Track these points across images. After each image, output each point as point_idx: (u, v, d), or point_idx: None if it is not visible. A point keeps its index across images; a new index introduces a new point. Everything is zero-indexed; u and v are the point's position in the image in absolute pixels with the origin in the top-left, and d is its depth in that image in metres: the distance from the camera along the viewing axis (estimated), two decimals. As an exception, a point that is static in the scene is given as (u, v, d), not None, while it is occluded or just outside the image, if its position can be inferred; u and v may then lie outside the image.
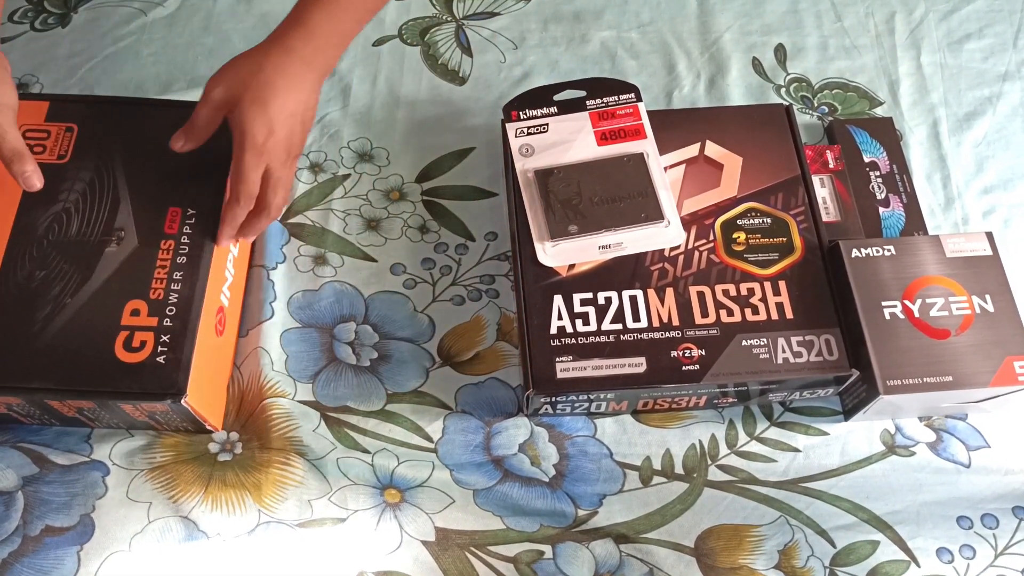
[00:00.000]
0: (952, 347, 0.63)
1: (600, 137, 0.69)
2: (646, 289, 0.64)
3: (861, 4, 0.89)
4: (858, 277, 0.65)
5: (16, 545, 0.58)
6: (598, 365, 0.61)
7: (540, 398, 0.61)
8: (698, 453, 0.66)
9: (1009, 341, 0.63)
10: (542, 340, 0.61)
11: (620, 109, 0.70)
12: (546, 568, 0.61)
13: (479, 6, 0.88)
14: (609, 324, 0.62)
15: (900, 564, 0.62)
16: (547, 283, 0.64)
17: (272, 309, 0.69)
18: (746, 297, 0.63)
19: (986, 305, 0.64)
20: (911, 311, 0.64)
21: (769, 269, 0.65)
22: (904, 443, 0.67)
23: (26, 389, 0.57)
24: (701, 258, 0.65)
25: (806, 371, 0.61)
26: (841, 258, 0.65)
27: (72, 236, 0.61)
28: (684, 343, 0.61)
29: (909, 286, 0.65)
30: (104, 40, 0.84)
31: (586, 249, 0.65)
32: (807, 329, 0.62)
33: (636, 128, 0.69)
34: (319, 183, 0.76)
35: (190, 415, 0.59)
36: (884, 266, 0.65)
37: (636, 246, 0.65)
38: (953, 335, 0.63)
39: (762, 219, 0.67)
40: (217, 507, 0.61)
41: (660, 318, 0.62)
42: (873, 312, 0.64)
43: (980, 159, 0.80)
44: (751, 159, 0.69)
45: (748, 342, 0.62)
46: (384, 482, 0.63)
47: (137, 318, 0.59)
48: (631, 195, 0.66)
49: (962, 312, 0.64)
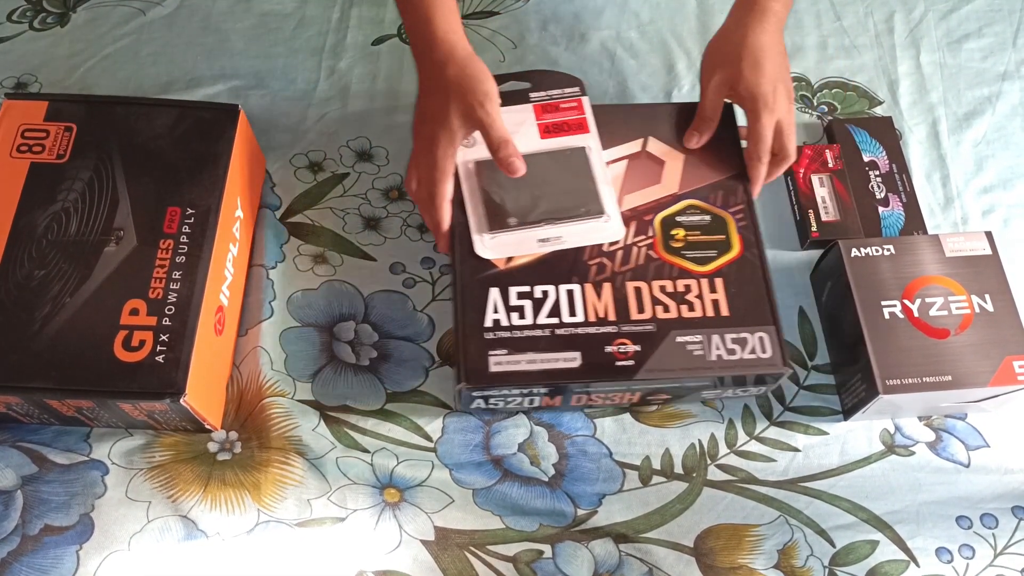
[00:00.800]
0: (951, 347, 0.63)
1: (543, 130, 0.68)
2: (583, 284, 0.63)
3: (860, 3, 0.89)
4: (857, 277, 0.65)
5: (15, 544, 0.58)
6: (532, 359, 0.60)
7: (472, 392, 0.61)
8: (697, 453, 0.66)
9: (1009, 341, 0.63)
10: (476, 333, 0.61)
11: (564, 103, 0.69)
12: (545, 568, 0.61)
13: (478, 5, 0.88)
14: (545, 318, 0.62)
15: (899, 564, 0.62)
16: (484, 276, 0.63)
17: (271, 308, 0.69)
18: (682, 293, 0.63)
19: (985, 305, 0.64)
20: (911, 311, 0.64)
21: (706, 266, 0.64)
22: (903, 443, 0.67)
23: (25, 389, 0.57)
24: (639, 254, 0.65)
25: (739, 368, 0.61)
26: (840, 258, 0.65)
27: (71, 236, 0.61)
28: (619, 338, 0.61)
29: (908, 285, 0.65)
30: (103, 40, 0.84)
31: (524, 242, 0.64)
32: (742, 327, 0.62)
33: (579, 122, 0.69)
34: (318, 182, 0.76)
35: (189, 414, 0.59)
36: (883, 266, 0.65)
37: (575, 240, 0.64)
38: (952, 335, 0.63)
39: (701, 216, 0.66)
40: (216, 506, 0.61)
41: (596, 313, 0.62)
42: (872, 312, 0.64)
43: (979, 158, 0.80)
44: (693, 156, 0.69)
45: (683, 339, 0.61)
46: (383, 481, 0.63)
47: (136, 317, 0.59)
48: (572, 189, 0.66)
49: (961, 312, 0.64)
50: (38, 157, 0.64)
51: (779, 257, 0.74)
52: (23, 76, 0.81)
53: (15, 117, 0.66)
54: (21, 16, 0.86)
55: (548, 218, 0.65)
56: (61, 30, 0.85)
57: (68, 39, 0.84)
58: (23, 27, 0.85)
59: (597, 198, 0.66)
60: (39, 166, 0.64)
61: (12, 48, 0.83)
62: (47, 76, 0.81)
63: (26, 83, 0.81)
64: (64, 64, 0.82)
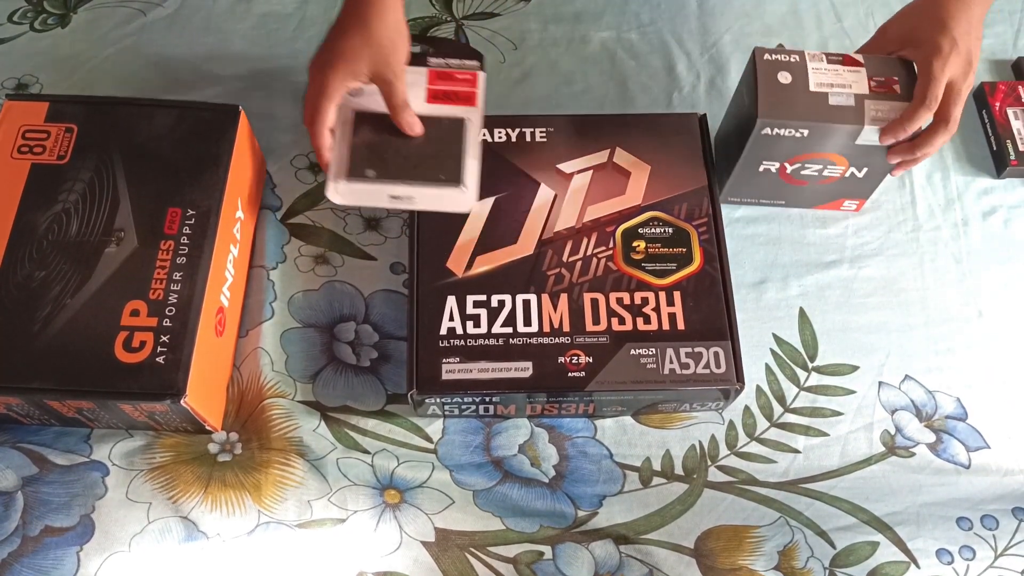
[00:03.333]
0: (805, 189, 0.71)
1: (430, 95, 0.67)
2: (540, 294, 0.63)
3: (861, 5, 0.89)
4: (758, 143, 0.66)
5: (16, 545, 0.58)
6: (484, 368, 0.61)
7: (426, 398, 0.61)
8: (698, 454, 0.66)
9: (853, 192, 0.72)
10: (431, 340, 0.61)
11: (460, 73, 0.68)
12: (546, 569, 0.61)
13: (479, 6, 0.88)
14: (499, 327, 0.62)
15: (900, 565, 0.62)
16: (442, 283, 0.64)
17: (272, 309, 0.69)
18: (639, 306, 0.63)
19: (858, 174, 0.68)
20: (784, 168, 0.68)
21: (665, 279, 0.64)
22: (904, 444, 0.67)
23: (26, 389, 0.57)
24: (599, 265, 0.65)
25: (692, 383, 0.61)
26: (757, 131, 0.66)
27: (72, 237, 0.61)
28: (572, 349, 0.61)
29: (799, 156, 0.67)
30: (104, 40, 0.84)
31: (376, 195, 0.64)
32: (697, 341, 0.62)
33: (468, 95, 0.67)
34: (319, 183, 0.76)
35: (190, 415, 0.59)
36: (788, 144, 0.66)
37: (426, 204, 0.64)
38: (810, 184, 0.70)
39: (664, 228, 0.66)
40: (217, 507, 0.61)
41: (551, 323, 0.62)
42: (749, 167, 0.69)
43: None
44: (660, 167, 0.69)
45: (636, 351, 0.61)
46: (384, 483, 0.63)
47: (137, 318, 0.59)
48: (438, 155, 0.65)
49: (831, 174, 0.68)
50: (39, 158, 0.64)
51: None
52: (24, 77, 0.81)
53: (16, 118, 0.66)
54: (22, 17, 0.86)
55: (403, 177, 0.64)
56: (62, 31, 0.85)
57: (69, 40, 0.84)
58: (24, 28, 0.85)
59: (459, 168, 0.65)
60: (40, 167, 0.64)
61: (13, 49, 0.83)
62: (48, 77, 0.81)
63: (27, 84, 0.81)
64: (65, 65, 0.82)
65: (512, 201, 0.67)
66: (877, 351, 0.70)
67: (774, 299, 0.72)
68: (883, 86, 0.64)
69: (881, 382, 0.69)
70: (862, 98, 0.63)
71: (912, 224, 0.76)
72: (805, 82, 0.64)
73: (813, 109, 0.63)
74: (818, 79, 0.64)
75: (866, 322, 0.71)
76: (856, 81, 0.64)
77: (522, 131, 0.70)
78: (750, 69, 0.66)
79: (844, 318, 0.71)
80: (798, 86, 0.64)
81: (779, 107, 0.63)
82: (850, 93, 0.63)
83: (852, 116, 0.63)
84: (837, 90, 0.63)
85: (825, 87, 0.64)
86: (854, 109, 0.63)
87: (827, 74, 0.64)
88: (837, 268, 0.73)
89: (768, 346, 0.70)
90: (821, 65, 0.64)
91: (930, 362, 0.70)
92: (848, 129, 0.63)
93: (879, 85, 0.64)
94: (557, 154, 0.69)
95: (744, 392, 0.65)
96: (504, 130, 0.70)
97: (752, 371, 0.68)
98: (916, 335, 0.71)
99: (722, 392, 0.62)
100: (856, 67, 0.64)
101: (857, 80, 0.64)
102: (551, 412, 0.65)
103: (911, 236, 0.75)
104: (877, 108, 0.63)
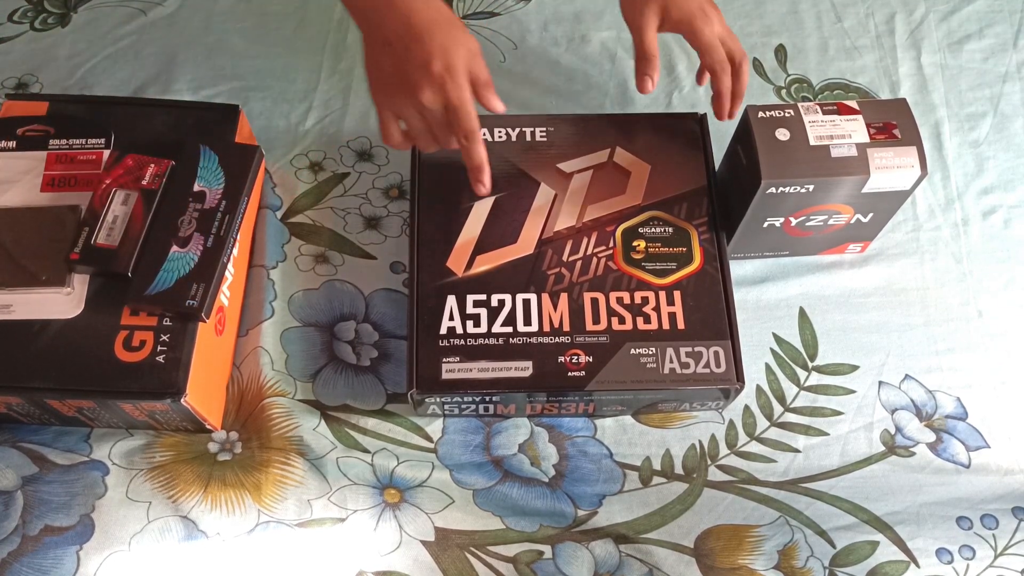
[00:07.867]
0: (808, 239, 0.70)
1: (47, 183, 0.62)
2: (540, 293, 0.63)
3: (861, 5, 0.89)
4: (764, 200, 0.65)
5: (15, 545, 0.58)
6: (484, 367, 0.61)
7: (426, 398, 0.61)
8: (698, 453, 0.66)
9: (858, 236, 0.70)
10: (431, 339, 0.61)
11: (83, 155, 0.63)
12: (546, 568, 0.61)
13: (479, 6, 0.88)
14: (499, 327, 0.62)
15: (900, 564, 0.62)
16: (442, 283, 0.64)
17: (272, 308, 0.69)
18: (639, 305, 0.63)
19: (863, 219, 0.67)
20: (789, 222, 0.67)
21: (665, 278, 0.64)
22: (904, 443, 0.67)
23: (26, 389, 0.57)
24: (599, 264, 0.65)
25: (692, 382, 0.61)
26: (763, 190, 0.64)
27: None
28: (572, 349, 0.61)
29: (804, 210, 0.66)
30: (104, 40, 0.84)
31: None
32: (697, 340, 0.62)
33: (90, 178, 0.62)
34: (319, 182, 0.76)
35: (190, 414, 0.59)
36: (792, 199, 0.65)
37: (28, 311, 0.58)
38: (815, 234, 0.69)
39: (664, 228, 0.66)
40: (217, 507, 0.61)
41: (551, 323, 0.62)
42: (755, 222, 0.67)
43: (980, 159, 0.80)
44: (660, 167, 0.69)
45: (636, 351, 0.61)
46: (384, 482, 0.63)
47: (137, 318, 0.59)
48: (43, 253, 0.59)
49: (836, 223, 0.67)
50: (39, 157, 0.64)
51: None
52: (24, 76, 0.81)
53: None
54: (22, 16, 0.86)
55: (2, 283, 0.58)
56: (62, 30, 0.85)
57: (69, 39, 0.84)
58: (24, 27, 0.85)
59: (62, 267, 0.59)
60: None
61: (13, 48, 0.83)
62: (48, 76, 0.81)
63: (27, 83, 0.81)
64: (65, 64, 0.82)
65: (512, 201, 0.67)
66: (877, 351, 0.70)
67: (774, 299, 0.72)
68: (882, 132, 0.63)
69: (881, 382, 0.69)
70: (864, 147, 0.62)
71: (912, 224, 0.76)
72: (804, 137, 0.63)
73: (817, 164, 0.62)
74: (816, 132, 0.63)
75: (866, 322, 0.71)
76: (855, 130, 0.63)
77: (522, 131, 0.70)
78: (743, 128, 0.65)
79: (844, 318, 0.71)
80: (798, 142, 0.63)
81: (782, 166, 0.62)
82: (851, 143, 0.62)
83: (857, 167, 0.62)
84: (838, 141, 0.62)
85: (825, 139, 0.63)
86: (857, 159, 0.62)
87: (825, 126, 0.63)
88: (837, 268, 0.73)
89: (768, 345, 0.70)
90: (817, 117, 0.63)
91: (930, 362, 0.70)
92: (854, 180, 0.62)
93: (878, 131, 0.63)
94: (557, 154, 0.69)
95: (744, 391, 0.65)
96: (504, 130, 0.70)
97: (752, 370, 0.68)
98: (916, 335, 0.71)
99: (722, 391, 0.62)
100: (852, 115, 0.64)
101: (856, 129, 0.63)
102: (551, 411, 0.65)
103: (911, 236, 0.75)
104: (881, 156, 0.62)
